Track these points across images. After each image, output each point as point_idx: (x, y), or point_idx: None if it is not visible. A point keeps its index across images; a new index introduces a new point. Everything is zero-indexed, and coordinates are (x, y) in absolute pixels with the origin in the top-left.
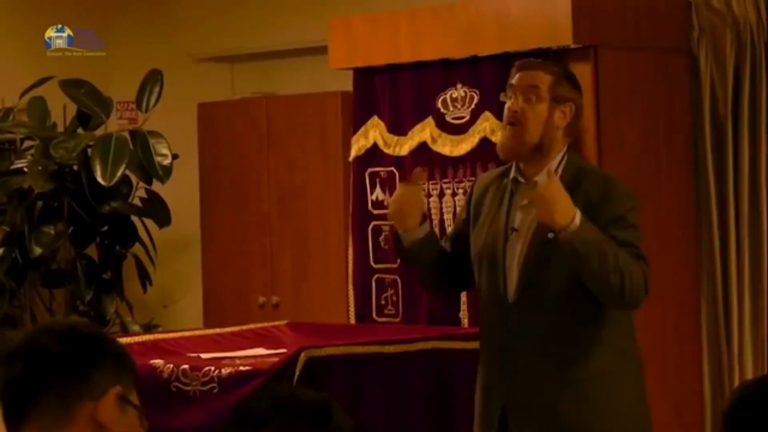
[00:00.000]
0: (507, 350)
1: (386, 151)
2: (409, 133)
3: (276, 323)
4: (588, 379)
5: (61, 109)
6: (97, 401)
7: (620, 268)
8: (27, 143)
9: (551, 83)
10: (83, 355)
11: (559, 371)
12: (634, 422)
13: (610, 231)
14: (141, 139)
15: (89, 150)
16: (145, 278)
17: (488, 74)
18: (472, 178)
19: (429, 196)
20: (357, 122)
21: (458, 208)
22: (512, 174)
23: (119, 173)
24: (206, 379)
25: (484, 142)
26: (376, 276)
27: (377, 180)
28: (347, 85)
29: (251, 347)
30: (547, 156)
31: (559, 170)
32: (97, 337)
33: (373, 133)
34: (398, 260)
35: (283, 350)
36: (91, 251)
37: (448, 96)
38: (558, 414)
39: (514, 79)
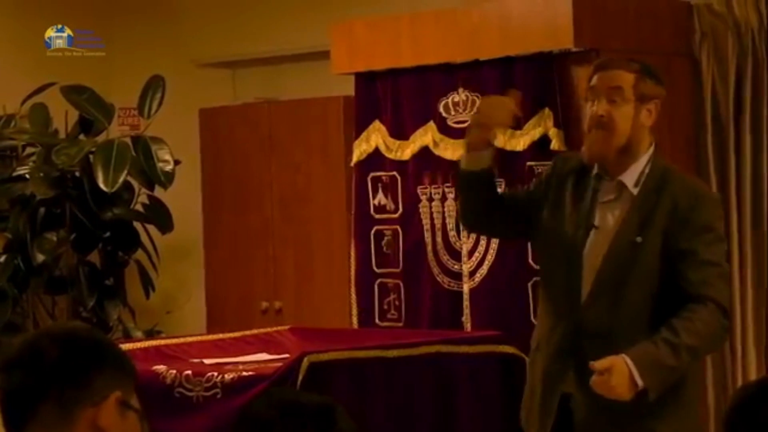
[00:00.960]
0: (575, 349)
1: (388, 155)
2: (411, 138)
3: (279, 328)
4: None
5: (63, 116)
6: (97, 407)
7: (697, 351)
8: (29, 150)
9: (635, 82)
10: (82, 360)
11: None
12: (695, 423)
13: (694, 245)
14: (143, 145)
15: (91, 156)
16: (147, 284)
17: (490, 78)
18: None
19: (431, 200)
20: (359, 127)
21: None
22: (595, 170)
23: (121, 179)
24: (209, 384)
25: None
26: (378, 281)
27: (379, 184)
28: (349, 89)
29: (254, 352)
30: (634, 157)
31: (645, 172)
32: (95, 342)
33: (375, 137)
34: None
35: (286, 355)
36: (94, 257)
37: (449, 100)
38: (625, 412)
39: (594, 81)
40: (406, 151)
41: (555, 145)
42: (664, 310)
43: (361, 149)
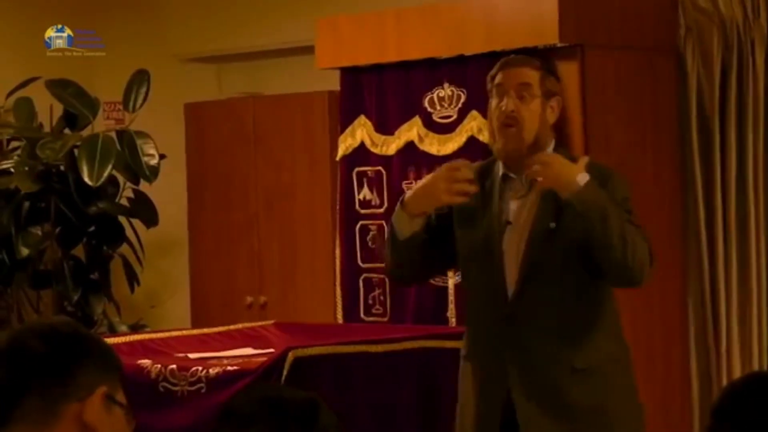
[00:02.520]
0: (511, 344)
1: (373, 150)
2: (396, 133)
3: (263, 323)
4: (594, 368)
5: (48, 110)
6: (83, 402)
7: (624, 235)
8: (13, 144)
9: (540, 79)
10: (67, 355)
11: (565, 360)
12: (634, 410)
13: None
14: (128, 140)
15: (76, 150)
16: (132, 278)
17: (475, 73)
18: None
19: None
20: (344, 122)
21: None
22: (501, 171)
23: (106, 173)
24: (194, 379)
25: (472, 141)
26: (363, 276)
27: (364, 179)
28: (334, 84)
29: (239, 347)
30: (541, 149)
31: None
32: (81, 337)
33: (360, 132)
34: (391, 244)
35: (271, 350)
36: (79, 252)
37: (435, 95)
38: (568, 401)
39: (500, 78)
40: (391, 146)
41: None
42: (589, 298)
43: (346, 144)
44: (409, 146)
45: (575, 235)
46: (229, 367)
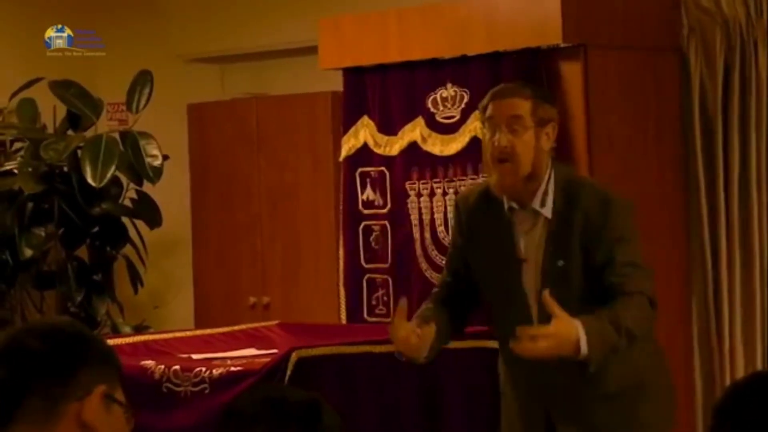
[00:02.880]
0: (541, 371)
1: (376, 150)
2: (399, 133)
3: (267, 323)
4: (623, 392)
5: (51, 111)
6: (82, 401)
7: (632, 335)
8: (17, 145)
9: (532, 108)
10: (66, 355)
11: (594, 387)
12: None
13: (613, 253)
14: (131, 140)
15: (79, 151)
16: (135, 279)
17: (478, 73)
18: (463, 178)
19: (419, 195)
20: (347, 122)
21: (448, 207)
22: (506, 204)
23: (109, 174)
24: (197, 379)
25: (474, 141)
26: (367, 276)
27: (368, 180)
28: (337, 85)
29: (242, 348)
30: (539, 181)
31: (549, 192)
32: (79, 336)
33: (364, 133)
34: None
35: (274, 350)
36: (82, 253)
37: (438, 95)
38: (599, 426)
39: (491, 111)
40: (394, 146)
41: None
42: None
43: (349, 144)
44: (412, 147)
45: (587, 270)
46: (232, 368)
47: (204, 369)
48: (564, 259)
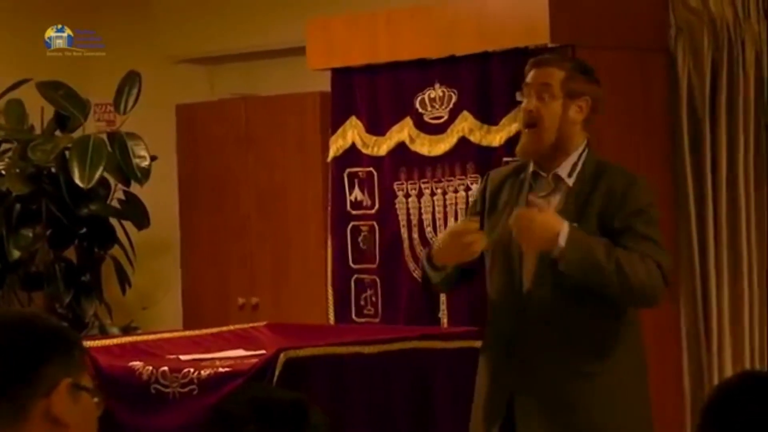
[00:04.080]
0: (518, 339)
1: (364, 151)
2: (388, 134)
3: (255, 324)
4: (600, 374)
5: (39, 112)
6: (49, 396)
7: (622, 271)
8: (4, 146)
9: (564, 79)
10: (26, 353)
11: (571, 364)
12: (639, 422)
13: (632, 222)
14: (119, 141)
15: (67, 152)
16: (124, 280)
17: (466, 74)
18: (451, 178)
19: (407, 195)
20: (335, 123)
21: (437, 208)
22: (531, 168)
23: (97, 175)
24: (186, 380)
25: (462, 141)
26: (355, 276)
27: (356, 180)
28: (325, 85)
29: (231, 348)
30: (566, 152)
31: (579, 165)
32: (38, 330)
33: (352, 133)
34: (424, 281)
35: (263, 351)
36: (70, 254)
37: (426, 96)
38: (567, 406)
39: (529, 77)
40: (382, 146)
41: None
42: (602, 302)
43: (337, 145)
44: (401, 147)
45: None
46: (220, 369)
47: (192, 370)
48: (578, 221)
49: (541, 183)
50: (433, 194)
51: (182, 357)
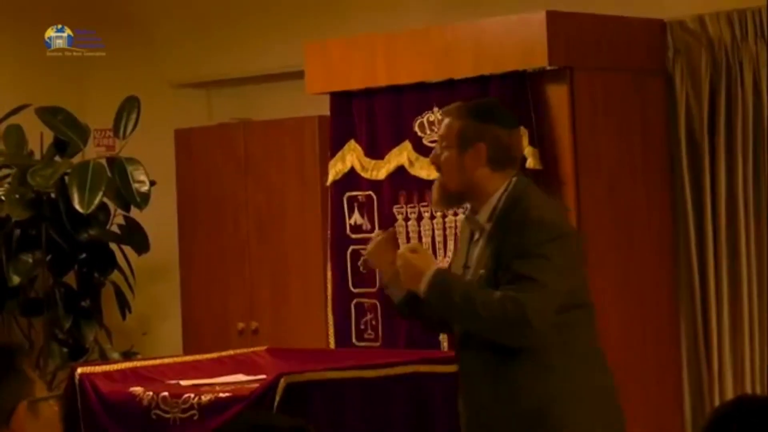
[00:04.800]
0: (464, 380)
1: (364, 175)
2: (387, 157)
3: (255, 349)
4: (534, 409)
5: (38, 137)
6: (9, 425)
7: (476, 313)
8: (4, 171)
9: (458, 130)
10: None
11: (504, 402)
12: None
13: (513, 264)
14: (118, 166)
15: (66, 177)
16: (124, 305)
17: (465, 97)
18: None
19: (407, 219)
20: (334, 147)
21: (436, 231)
22: (465, 212)
23: (97, 200)
24: (186, 406)
25: None
26: (355, 300)
27: (355, 204)
28: (324, 109)
29: (231, 373)
30: (483, 197)
31: (498, 207)
32: None
33: (351, 157)
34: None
35: (263, 376)
36: (70, 279)
37: (425, 119)
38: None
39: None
40: (381, 170)
41: (531, 163)
42: None
43: (336, 169)
44: (400, 171)
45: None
46: (221, 394)
47: (193, 395)
48: (484, 268)
49: (475, 227)
50: (432, 218)
51: (183, 382)
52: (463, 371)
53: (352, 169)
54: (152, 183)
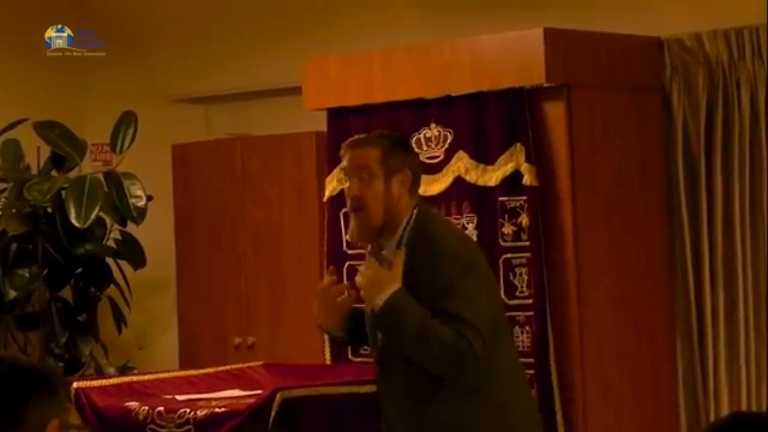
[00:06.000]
0: (389, 400)
1: None
2: None
3: (251, 364)
4: (461, 426)
5: (35, 152)
6: None
7: (427, 346)
8: (0, 185)
9: (381, 157)
10: (13, 397)
11: (430, 421)
12: None
13: (438, 303)
14: (115, 181)
15: (63, 192)
16: (120, 320)
17: (462, 114)
18: (446, 218)
19: None
20: (331, 163)
21: None
22: (369, 247)
23: (93, 215)
24: (182, 421)
25: (458, 181)
26: None
27: None
28: (321, 125)
29: (227, 388)
30: (394, 226)
31: (404, 238)
32: (22, 373)
33: None
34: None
35: (259, 391)
36: (66, 293)
37: (422, 135)
38: None
39: (345, 161)
40: None
41: (527, 180)
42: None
43: (333, 185)
44: None
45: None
46: (217, 409)
47: (188, 410)
48: None
49: (380, 259)
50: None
51: (178, 397)
52: (387, 392)
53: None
54: (149, 198)
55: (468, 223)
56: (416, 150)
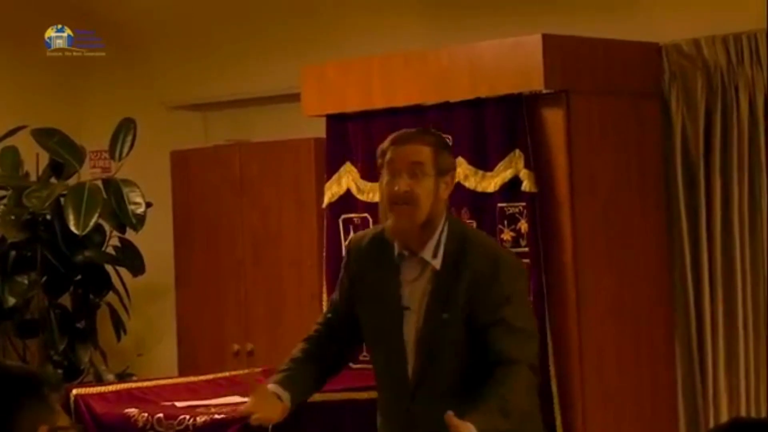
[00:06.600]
0: (413, 425)
1: (359, 197)
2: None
3: (251, 370)
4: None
5: (34, 159)
6: None
7: (522, 411)
8: None
9: (433, 156)
10: (2, 405)
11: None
12: None
13: (502, 314)
14: (114, 188)
15: (62, 199)
16: (119, 327)
17: (461, 120)
18: None
19: None
20: (330, 169)
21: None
22: (397, 249)
23: (92, 222)
24: (181, 427)
25: (457, 187)
26: None
27: (351, 226)
28: (320, 131)
29: (226, 395)
30: (432, 232)
31: (441, 244)
32: (10, 380)
33: (346, 179)
34: None
35: None
36: (65, 300)
37: None
38: None
39: (390, 155)
40: (377, 193)
41: (526, 186)
42: (476, 377)
43: (332, 191)
44: None
45: (466, 324)
46: (216, 416)
47: (188, 417)
48: (448, 312)
49: (408, 265)
50: None
51: (178, 404)
52: (405, 424)
53: (348, 192)
54: (148, 205)
55: None
56: None
